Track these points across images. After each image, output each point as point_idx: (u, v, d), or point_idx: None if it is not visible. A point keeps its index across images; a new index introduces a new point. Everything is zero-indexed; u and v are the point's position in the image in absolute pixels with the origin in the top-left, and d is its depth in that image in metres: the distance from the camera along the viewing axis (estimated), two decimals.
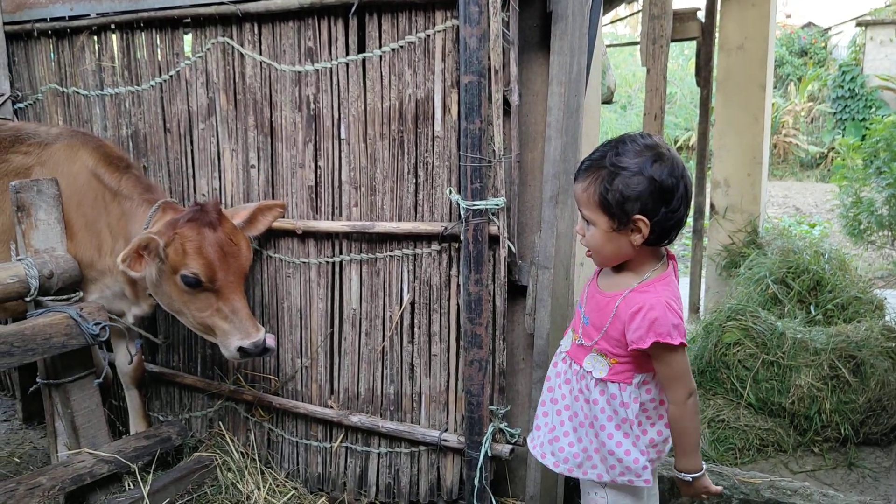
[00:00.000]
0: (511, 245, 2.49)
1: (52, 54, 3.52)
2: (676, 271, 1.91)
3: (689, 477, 1.87)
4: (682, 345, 1.74)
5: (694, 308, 5.93)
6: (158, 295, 2.75)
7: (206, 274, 2.55)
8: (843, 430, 3.48)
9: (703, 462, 1.90)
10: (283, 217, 2.92)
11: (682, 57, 17.26)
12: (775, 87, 15.86)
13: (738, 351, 3.76)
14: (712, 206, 5.97)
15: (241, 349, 2.61)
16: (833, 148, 14.30)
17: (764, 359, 3.68)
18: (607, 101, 4.96)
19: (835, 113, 14.97)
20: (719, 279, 5.78)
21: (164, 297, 2.72)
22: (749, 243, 5.61)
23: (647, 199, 1.72)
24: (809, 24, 18.09)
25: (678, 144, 15.59)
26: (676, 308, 1.77)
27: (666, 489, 2.67)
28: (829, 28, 17.46)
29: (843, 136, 14.02)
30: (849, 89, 14.67)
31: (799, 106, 15.80)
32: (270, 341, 2.66)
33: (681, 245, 9.45)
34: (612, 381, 1.87)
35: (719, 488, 1.91)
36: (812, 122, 15.78)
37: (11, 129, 3.05)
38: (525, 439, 2.59)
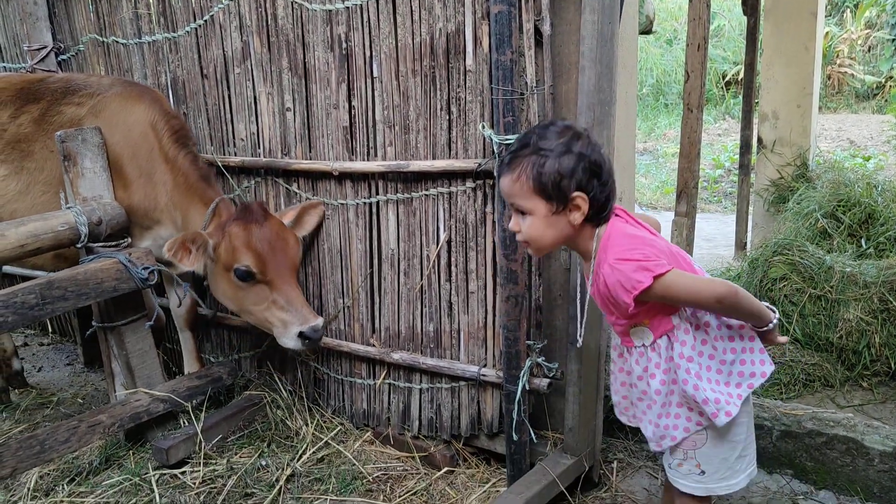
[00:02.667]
0: None
1: (90, 4, 3.55)
2: (625, 215, 1.88)
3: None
4: (658, 276, 1.69)
5: (741, 245, 5.81)
6: (219, 296, 2.90)
7: (256, 265, 2.67)
8: (892, 364, 3.41)
9: (770, 323, 1.81)
10: (321, 160, 2.96)
11: None
12: (830, 15, 15.09)
13: (784, 286, 3.68)
14: (760, 140, 5.78)
15: (301, 334, 2.72)
16: (891, 77, 13.64)
17: (811, 293, 3.60)
18: (646, 31, 4.82)
19: (893, 40, 14.22)
20: (767, 215, 5.63)
21: (223, 297, 2.87)
22: (798, 177, 5.43)
23: (581, 175, 1.76)
24: None
25: (727, 79, 15.04)
26: (628, 250, 1.75)
27: None
28: None
29: None
30: None
31: (855, 34, 15.03)
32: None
33: (728, 182, 9.23)
34: (661, 336, 1.85)
35: (785, 339, 1.88)
36: (869, 50, 15.02)
37: (61, 81, 3.10)
38: (562, 373, 2.61)
